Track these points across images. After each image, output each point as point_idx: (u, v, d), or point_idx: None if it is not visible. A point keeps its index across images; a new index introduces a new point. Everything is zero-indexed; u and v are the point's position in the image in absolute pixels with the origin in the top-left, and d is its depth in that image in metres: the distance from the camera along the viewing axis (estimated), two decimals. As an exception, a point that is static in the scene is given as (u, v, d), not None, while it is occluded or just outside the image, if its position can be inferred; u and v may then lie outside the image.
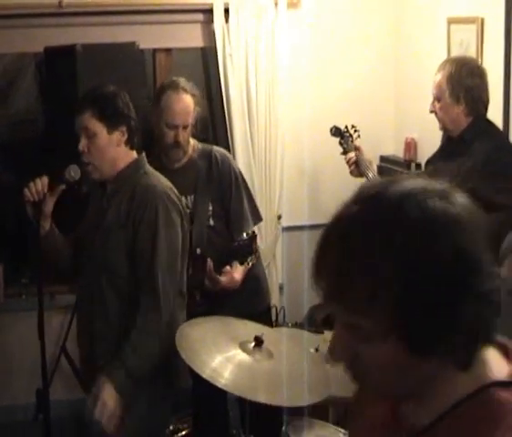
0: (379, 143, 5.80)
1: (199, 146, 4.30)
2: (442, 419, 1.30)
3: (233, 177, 4.20)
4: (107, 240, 3.38)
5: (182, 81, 4.21)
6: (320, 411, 3.49)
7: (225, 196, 4.15)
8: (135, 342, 3.29)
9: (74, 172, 3.43)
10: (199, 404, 4.44)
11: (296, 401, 3.08)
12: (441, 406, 1.30)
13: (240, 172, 4.33)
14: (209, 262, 3.86)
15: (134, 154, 3.53)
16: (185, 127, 4.10)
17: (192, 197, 4.20)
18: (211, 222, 4.18)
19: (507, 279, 3.43)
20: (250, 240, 3.66)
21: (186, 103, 4.11)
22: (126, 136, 3.43)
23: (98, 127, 3.37)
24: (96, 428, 3.46)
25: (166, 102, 4.11)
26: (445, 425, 1.29)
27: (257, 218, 4.30)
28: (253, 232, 3.80)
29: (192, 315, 4.17)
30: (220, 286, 3.99)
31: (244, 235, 3.68)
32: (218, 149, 4.31)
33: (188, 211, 3.61)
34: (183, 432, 4.69)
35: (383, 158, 5.81)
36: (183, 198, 4.09)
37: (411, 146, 5.70)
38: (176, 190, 3.53)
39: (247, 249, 3.67)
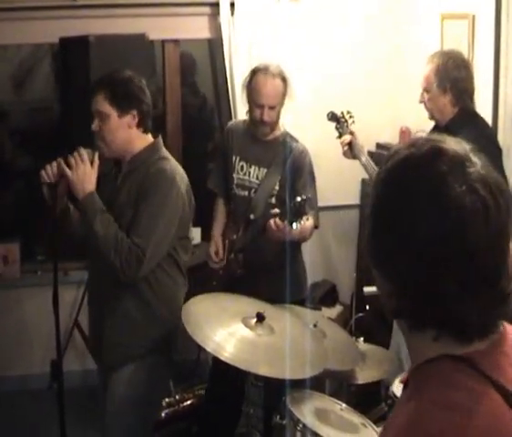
0: (375, 131, 5.80)
1: (287, 134, 4.37)
2: (415, 369, 1.44)
3: (308, 172, 4.25)
4: (120, 219, 3.37)
5: (272, 66, 4.29)
6: (317, 384, 3.51)
7: (295, 184, 4.16)
8: (114, 237, 3.28)
9: (88, 155, 3.44)
10: (215, 378, 4.47)
11: (295, 374, 3.09)
12: (417, 358, 1.44)
13: (314, 173, 4.36)
14: (277, 220, 3.86)
15: (149, 137, 3.51)
16: (271, 108, 4.19)
17: (265, 170, 4.29)
18: (273, 200, 4.23)
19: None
20: (303, 202, 3.69)
21: (273, 86, 4.18)
22: (137, 119, 3.41)
23: (109, 110, 3.36)
24: (108, 396, 3.52)
25: (255, 83, 4.22)
26: (414, 373, 1.44)
27: (316, 212, 4.27)
28: (307, 197, 3.80)
29: (232, 277, 4.27)
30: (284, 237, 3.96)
31: (298, 198, 3.70)
32: (302, 144, 4.36)
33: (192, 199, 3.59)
34: (188, 402, 4.74)
35: (379, 145, 5.82)
36: (256, 168, 4.29)
37: (405, 134, 5.71)
38: (186, 179, 3.51)
39: (298, 211, 3.69)
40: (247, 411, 3.76)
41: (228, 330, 3.22)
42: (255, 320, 3.25)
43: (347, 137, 4.45)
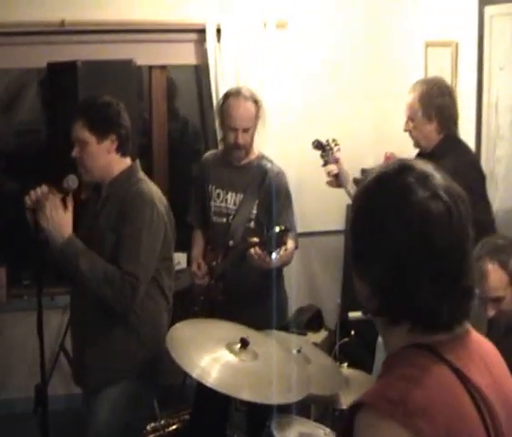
0: (360, 157, 5.80)
1: (262, 157, 4.38)
2: (388, 357, 1.64)
3: (284, 193, 4.24)
4: (100, 244, 3.38)
5: (244, 89, 4.33)
6: (302, 409, 3.50)
7: (273, 206, 4.15)
8: (103, 271, 3.29)
9: (72, 181, 3.43)
10: (200, 402, 4.44)
11: (278, 399, 3.09)
12: (391, 350, 1.63)
13: (291, 194, 4.35)
14: (257, 249, 3.87)
15: (128, 161, 3.53)
16: (245, 131, 4.19)
17: (241, 195, 4.28)
18: (252, 225, 4.24)
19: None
20: (282, 233, 3.69)
21: (245, 108, 4.19)
22: (116, 143, 3.43)
23: (89, 137, 3.39)
24: (90, 420, 3.50)
25: (227, 107, 4.23)
26: (387, 360, 1.63)
27: (295, 234, 4.28)
28: (286, 227, 3.80)
29: (213, 304, 4.25)
30: (266, 265, 3.98)
31: (277, 229, 3.70)
32: (277, 166, 4.36)
33: (172, 220, 3.59)
34: (173, 427, 4.71)
35: (364, 171, 5.83)
36: (233, 194, 4.28)
37: (390, 159, 5.70)
38: (165, 200, 3.55)
39: (278, 241, 3.70)
40: (230, 435, 3.74)
41: (212, 356, 3.20)
42: (239, 345, 3.24)
43: (334, 168, 4.45)
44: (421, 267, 1.52)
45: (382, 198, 1.58)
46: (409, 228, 1.52)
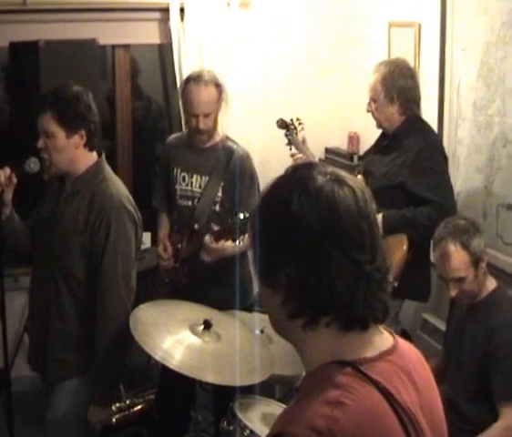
0: (324, 136, 5.84)
1: (227, 139, 4.34)
2: (307, 375, 1.56)
3: (249, 175, 4.18)
4: (64, 243, 3.34)
5: (205, 73, 4.26)
6: (266, 389, 3.51)
7: (237, 190, 4.13)
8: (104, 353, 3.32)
9: (34, 164, 3.38)
10: (164, 384, 4.45)
11: (242, 380, 3.09)
12: (310, 366, 1.55)
13: (257, 176, 4.31)
14: (209, 237, 3.88)
15: (94, 155, 3.44)
16: (206, 115, 4.14)
17: (206, 178, 4.25)
18: (217, 208, 4.21)
19: (437, 264, 3.51)
20: (246, 220, 3.68)
21: (206, 93, 4.12)
22: (85, 139, 3.35)
23: (57, 130, 3.28)
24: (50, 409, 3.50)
25: (187, 93, 4.17)
26: (306, 379, 1.56)
27: None
28: (250, 214, 3.79)
29: (178, 286, 4.24)
30: (216, 253, 4.00)
31: (241, 215, 3.69)
32: (242, 148, 4.32)
33: (140, 218, 3.56)
34: (138, 407, 4.70)
35: (328, 150, 5.86)
36: (198, 177, 4.25)
37: (354, 139, 5.77)
38: (132, 199, 3.50)
39: (242, 228, 3.69)
40: (195, 416, 3.74)
41: (175, 338, 3.21)
42: (202, 327, 3.24)
43: (299, 156, 4.46)
44: (331, 250, 1.45)
45: (284, 192, 1.51)
46: (315, 211, 1.47)
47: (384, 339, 1.58)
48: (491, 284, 3.51)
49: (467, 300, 3.51)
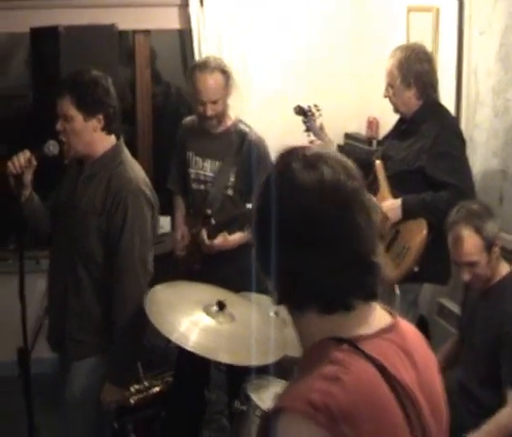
0: (344, 121, 5.85)
1: (240, 122, 4.39)
2: (305, 353, 1.59)
3: (264, 164, 4.15)
4: (82, 225, 3.40)
5: (211, 59, 4.31)
6: (282, 372, 3.53)
7: (251, 174, 4.14)
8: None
9: (53, 147, 3.44)
10: (180, 364, 4.50)
11: (254, 361, 3.13)
12: (307, 345, 1.58)
13: (271, 161, 4.31)
14: (204, 232, 3.91)
15: (112, 139, 3.50)
16: (214, 102, 4.19)
17: (219, 163, 4.30)
18: (230, 192, 4.26)
19: (450, 248, 3.51)
20: None
21: (212, 80, 4.18)
22: (102, 122, 3.40)
23: (75, 114, 3.34)
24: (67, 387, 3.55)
25: (194, 81, 4.23)
26: (304, 356, 1.58)
27: None
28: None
29: (190, 271, 4.29)
30: (213, 250, 4.03)
31: (249, 206, 3.72)
32: (255, 132, 4.36)
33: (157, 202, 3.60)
34: (156, 388, 4.75)
35: (347, 135, 5.87)
36: (211, 162, 4.31)
37: (373, 124, 5.77)
38: (149, 181, 3.54)
39: (249, 218, 3.72)
40: (209, 396, 3.78)
41: (190, 319, 3.25)
42: (216, 308, 3.28)
43: (318, 142, 4.47)
44: (302, 238, 1.49)
45: (271, 183, 1.56)
46: (290, 201, 1.51)
47: (381, 318, 1.61)
48: (504, 269, 3.52)
49: (480, 284, 3.52)
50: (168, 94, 6.49)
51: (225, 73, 4.22)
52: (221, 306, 3.27)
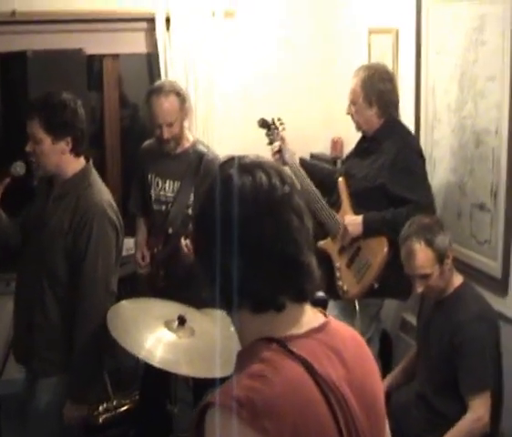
0: (310, 141, 5.94)
1: (198, 143, 4.48)
2: (239, 352, 1.66)
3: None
4: (50, 244, 3.47)
5: (166, 83, 4.42)
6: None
7: None
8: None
9: (19, 168, 3.54)
10: (146, 381, 4.58)
11: (212, 373, 3.18)
12: (243, 344, 1.66)
13: None
14: (187, 241, 3.98)
15: (81, 161, 3.56)
16: (169, 125, 4.27)
17: (179, 183, 4.38)
18: (190, 212, 4.32)
19: (403, 262, 3.62)
20: None
21: (167, 103, 4.26)
22: (70, 145, 3.46)
23: (44, 137, 3.40)
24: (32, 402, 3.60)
25: (150, 105, 4.32)
26: (239, 355, 1.66)
27: None
28: None
29: (155, 288, 4.36)
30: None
31: None
32: (212, 151, 4.45)
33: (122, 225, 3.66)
34: (125, 407, 4.81)
35: (312, 155, 5.96)
36: (171, 182, 4.38)
37: (337, 144, 5.88)
38: (115, 205, 3.60)
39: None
40: (171, 409, 3.84)
41: (154, 335, 3.31)
42: (177, 323, 3.35)
43: (276, 145, 4.55)
44: (227, 240, 1.55)
45: (209, 190, 1.63)
46: (214, 202, 1.58)
47: (313, 318, 1.67)
48: (457, 280, 3.62)
49: (435, 295, 3.62)
50: (136, 117, 6.55)
51: (179, 95, 4.31)
52: (182, 321, 3.34)
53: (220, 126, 5.52)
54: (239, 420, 1.45)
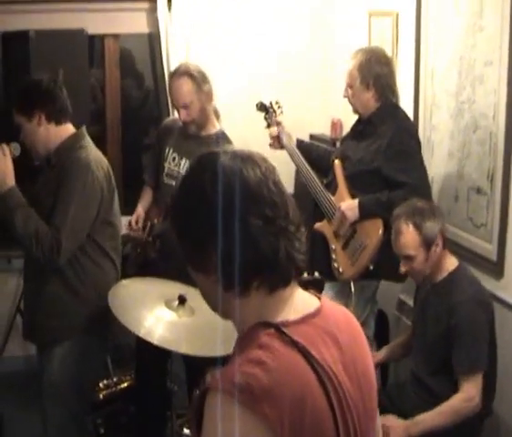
0: (309, 123, 6.00)
1: (223, 135, 4.47)
2: (239, 338, 1.70)
3: None
4: (41, 208, 3.52)
5: (181, 66, 4.44)
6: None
7: None
8: (34, 228, 3.45)
9: (14, 149, 3.63)
10: (141, 358, 4.66)
11: (212, 352, 3.25)
12: (241, 330, 1.69)
13: None
14: None
15: (69, 128, 3.66)
16: (185, 107, 4.32)
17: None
18: None
19: (392, 240, 3.70)
20: None
21: (179, 85, 4.31)
22: (43, 116, 3.56)
23: (20, 119, 3.57)
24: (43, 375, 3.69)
25: (169, 88, 4.45)
26: (238, 341, 1.70)
27: None
28: None
29: (148, 260, 4.43)
30: None
31: None
32: (232, 146, 4.44)
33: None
34: (125, 384, 4.90)
35: (312, 136, 6.02)
36: (187, 161, 4.40)
37: (337, 125, 5.93)
38: (106, 166, 3.66)
39: None
40: (171, 387, 3.92)
41: (154, 314, 3.37)
42: (177, 302, 3.41)
43: (274, 130, 4.60)
44: (248, 218, 1.60)
45: (196, 180, 1.69)
46: (227, 187, 1.61)
47: (308, 302, 1.73)
48: (452, 264, 3.68)
49: (419, 279, 3.71)
50: (138, 96, 6.61)
51: (193, 77, 4.30)
52: (182, 300, 3.41)
53: (221, 106, 5.56)
54: (239, 404, 1.49)
